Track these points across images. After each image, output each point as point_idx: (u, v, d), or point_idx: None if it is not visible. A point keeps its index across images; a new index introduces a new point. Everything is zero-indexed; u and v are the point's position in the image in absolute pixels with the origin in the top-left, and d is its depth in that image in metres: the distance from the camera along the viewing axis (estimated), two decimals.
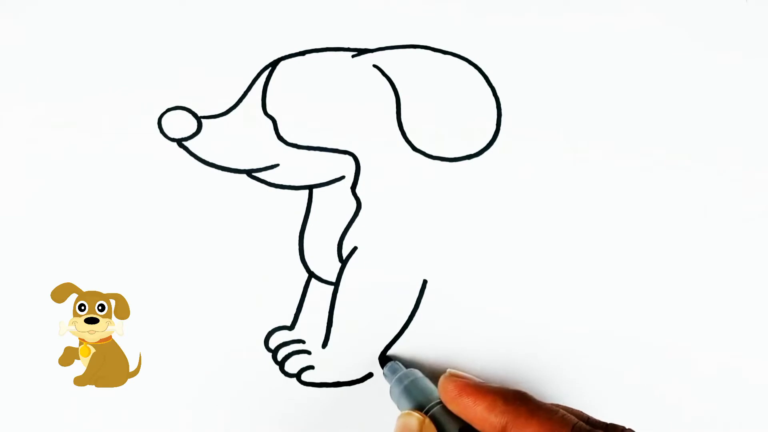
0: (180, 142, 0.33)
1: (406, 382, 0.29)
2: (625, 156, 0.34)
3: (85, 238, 0.32)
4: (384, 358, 0.32)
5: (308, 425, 0.31)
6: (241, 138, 0.33)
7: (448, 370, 0.28)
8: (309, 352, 0.32)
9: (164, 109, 0.34)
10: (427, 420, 0.27)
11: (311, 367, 0.32)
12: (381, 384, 0.32)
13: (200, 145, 0.33)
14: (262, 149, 0.33)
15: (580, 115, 0.34)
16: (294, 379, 0.32)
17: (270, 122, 0.34)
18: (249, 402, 0.31)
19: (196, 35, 0.34)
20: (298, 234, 0.33)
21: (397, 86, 0.34)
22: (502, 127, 0.34)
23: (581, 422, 0.24)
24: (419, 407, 0.28)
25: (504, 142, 0.34)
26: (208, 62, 0.34)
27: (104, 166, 0.33)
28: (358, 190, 0.33)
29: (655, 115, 0.34)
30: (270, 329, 0.32)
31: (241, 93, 0.34)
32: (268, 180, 0.33)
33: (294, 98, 0.34)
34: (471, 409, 0.25)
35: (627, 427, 0.24)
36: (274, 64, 0.34)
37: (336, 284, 0.32)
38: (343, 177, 0.33)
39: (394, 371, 0.30)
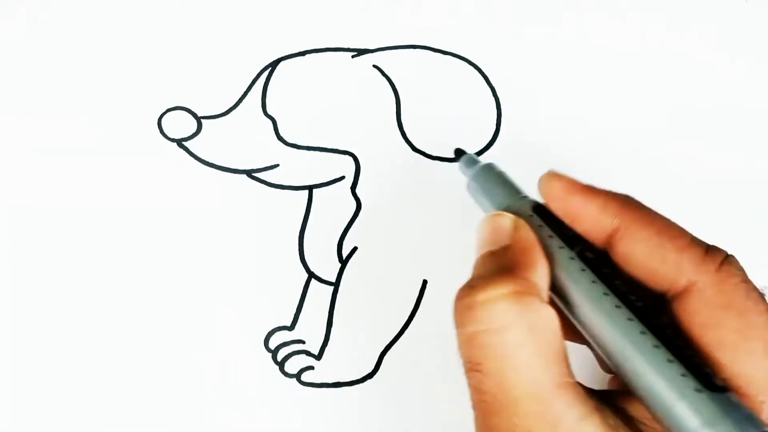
0: (180, 142, 0.33)
1: (488, 175, 0.27)
2: (625, 156, 0.34)
3: (85, 238, 0.32)
4: (459, 152, 0.30)
5: (308, 425, 0.31)
6: (241, 138, 0.33)
7: (548, 170, 0.24)
8: (309, 353, 0.32)
9: (164, 109, 0.34)
10: (522, 221, 0.24)
11: (311, 368, 0.32)
12: (381, 384, 0.31)
13: (200, 146, 0.33)
14: (262, 149, 0.33)
15: (580, 116, 0.34)
16: (294, 380, 0.32)
17: (270, 122, 0.34)
18: (249, 402, 0.31)
19: (196, 35, 0.34)
20: (298, 234, 0.33)
21: (397, 86, 0.34)
22: (502, 127, 0.34)
23: (697, 238, 0.22)
24: (505, 208, 0.25)
25: (504, 142, 0.34)
26: (208, 62, 0.34)
27: (104, 166, 0.33)
28: (358, 190, 0.33)
29: (655, 115, 0.34)
30: (270, 329, 0.32)
31: (241, 93, 0.34)
32: (268, 180, 0.33)
33: (294, 98, 0.34)
34: (580, 210, 0.23)
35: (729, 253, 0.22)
36: (274, 64, 0.34)
37: (336, 284, 0.32)
38: (343, 177, 0.33)
39: (471, 163, 0.28)
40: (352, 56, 0.34)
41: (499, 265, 0.23)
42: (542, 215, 0.24)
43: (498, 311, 0.21)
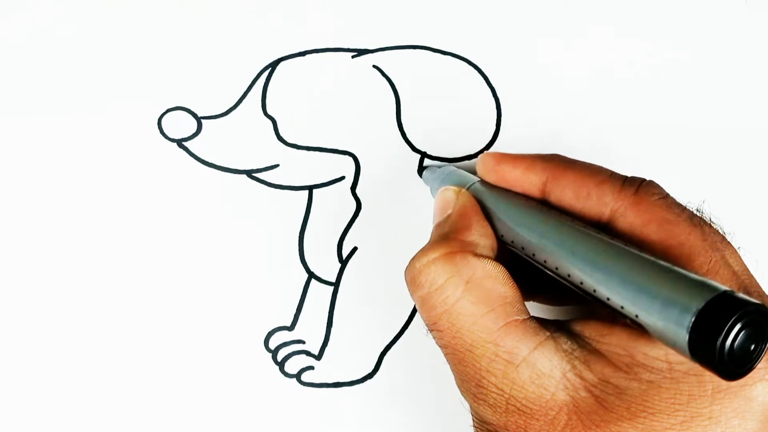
0: (180, 142, 0.33)
1: (442, 175, 0.30)
2: (625, 156, 0.34)
3: (85, 238, 0.32)
4: (420, 169, 0.33)
5: (308, 425, 0.31)
6: (241, 138, 0.33)
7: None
8: (309, 353, 0.32)
9: (164, 110, 0.34)
10: (463, 189, 0.27)
11: (311, 368, 0.32)
12: (381, 384, 0.31)
13: (200, 146, 0.33)
14: (262, 149, 0.33)
15: (580, 116, 0.34)
16: (294, 380, 0.32)
17: (270, 122, 0.34)
18: (249, 402, 0.31)
19: (196, 35, 0.34)
20: (298, 234, 0.33)
21: (397, 86, 0.34)
22: (502, 127, 0.34)
23: (616, 172, 0.25)
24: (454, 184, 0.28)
25: (504, 142, 0.34)
26: (208, 62, 0.34)
27: (104, 167, 0.33)
28: (358, 191, 0.33)
29: (655, 115, 0.34)
30: (270, 329, 0.32)
31: (241, 93, 0.34)
32: (268, 180, 0.33)
33: (294, 98, 0.34)
34: (510, 174, 0.26)
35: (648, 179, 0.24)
36: (274, 65, 0.34)
37: (336, 284, 0.32)
38: (343, 177, 0.33)
39: (432, 172, 0.31)
40: (352, 56, 0.34)
41: (439, 233, 0.26)
42: (488, 188, 0.27)
43: (435, 273, 0.24)
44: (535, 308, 0.28)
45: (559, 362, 0.22)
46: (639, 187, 0.24)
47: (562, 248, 0.23)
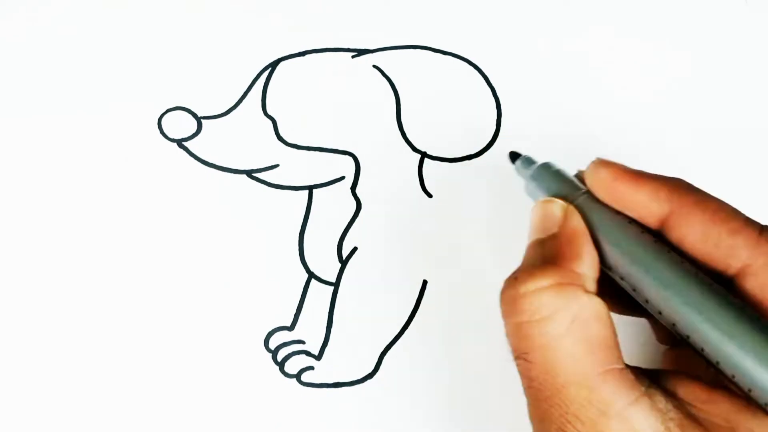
0: (180, 142, 0.33)
1: (543, 172, 0.27)
2: (624, 157, 0.34)
3: (85, 238, 0.32)
4: (514, 154, 0.29)
5: (308, 425, 0.31)
6: (241, 138, 0.33)
7: (596, 157, 0.25)
8: (309, 353, 0.32)
9: (164, 110, 0.34)
10: (572, 207, 0.24)
11: (311, 368, 0.32)
12: (381, 384, 0.31)
13: (200, 146, 0.33)
14: (262, 149, 0.33)
15: (580, 116, 0.34)
16: (294, 380, 0.32)
17: (270, 122, 0.34)
18: (249, 402, 0.31)
19: (196, 35, 0.34)
20: (298, 234, 0.33)
21: (397, 86, 0.34)
22: (502, 127, 0.34)
23: (750, 218, 0.22)
24: (559, 196, 0.25)
25: (504, 142, 0.34)
26: (208, 62, 0.34)
27: (104, 167, 0.33)
28: (358, 191, 0.33)
29: (655, 116, 0.34)
30: (270, 329, 0.32)
31: (241, 93, 0.34)
32: (268, 180, 0.33)
33: (294, 98, 0.34)
34: (629, 197, 0.23)
35: None
36: (274, 65, 0.34)
37: (336, 284, 0.32)
38: (343, 177, 0.33)
39: (528, 163, 0.28)
40: (352, 56, 0.34)
41: (544, 255, 0.23)
42: (597, 203, 0.24)
43: (540, 303, 0.22)
44: None
45: (654, 422, 0.21)
46: None
47: (686, 304, 0.21)
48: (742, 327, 0.20)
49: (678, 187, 0.23)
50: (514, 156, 0.29)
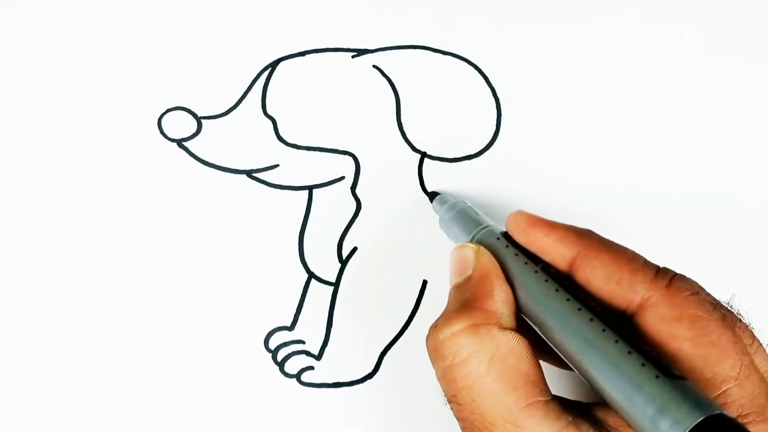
0: (180, 142, 0.33)
1: (453, 212, 0.29)
2: (624, 156, 0.34)
3: (85, 238, 0.32)
4: (432, 194, 0.32)
5: (308, 425, 0.31)
6: (241, 138, 0.33)
7: (517, 209, 0.27)
8: (309, 353, 0.32)
9: (164, 110, 0.34)
10: (482, 248, 0.26)
11: (311, 368, 0.32)
12: (381, 384, 0.31)
13: (200, 146, 0.33)
14: (262, 149, 0.33)
15: (580, 116, 0.34)
16: (294, 380, 0.32)
17: (270, 122, 0.34)
18: (249, 403, 0.31)
19: (196, 35, 0.34)
20: (298, 234, 0.33)
21: (397, 86, 0.34)
22: (502, 127, 0.34)
23: (648, 261, 0.24)
24: (473, 237, 0.28)
25: (504, 142, 0.34)
26: (208, 62, 0.34)
27: (104, 166, 0.33)
28: (358, 191, 0.33)
29: (655, 116, 0.34)
30: (270, 329, 0.32)
31: (241, 93, 0.34)
32: (268, 180, 0.33)
33: (294, 98, 0.34)
34: (541, 240, 0.25)
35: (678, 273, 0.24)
36: (274, 65, 0.34)
37: (336, 284, 0.32)
38: (343, 177, 0.33)
39: (442, 202, 0.31)
40: (352, 56, 0.34)
41: (461, 299, 0.25)
42: (509, 240, 0.26)
43: (459, 345, 0.23)
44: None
45: None
46: (672, 280, 0.23)
47: (573, 337, 0.23)
48: (625, 368, 0.21)
49: (585, 234, 0.25)
50: (432, 195, 0.32)
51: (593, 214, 0.33)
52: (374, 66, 0.34)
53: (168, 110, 0.34)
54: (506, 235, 0.26)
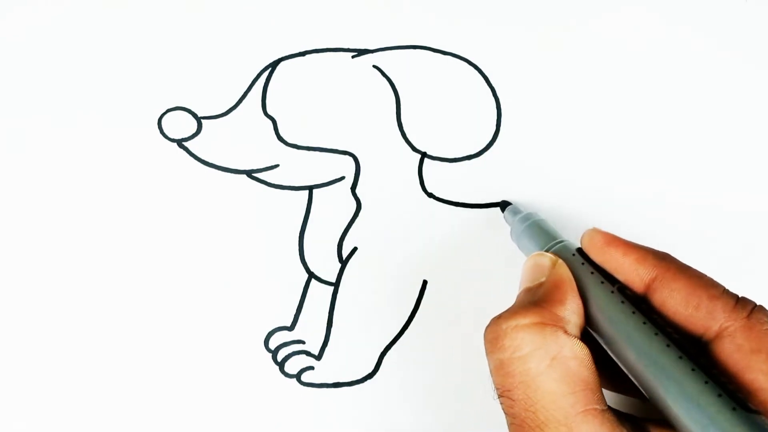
0: (180, 142, 0.33)
1: (527, 224, 0.29)
2: (625, 156, 0.34)
3: (85, 238, 0.32)
4: (503, 203, 0.32)
5: (308, 425, 0.31)
6: (241, 138, 0.33)
7: (591, 227, 0.27)
8: (309, 353, 0.32)
9: (164, 110, 0.34)
10: (561, 260, 0.26)
11: (311, 368, 0.32)
12: (381, 384, 0.31)
13: (200, 146, 0.33)
14: (262, 149, 0.33)
15: (580, 116, 0.34)
16: (294, 380, 0.32)
17: (270, 122, 0.34)
18: (249, 403, 0.31)
19: (196, 35, 0.34)
20: (298, 234, 0.33)
21: (397, 86, 0.34)
22: (502, 127, 0.34)
23: (727, 289, 0.24)
24: (548, 250, 0.27)
25: (504, 142, 0.34)
26: (208, 62, 0.34)
27: (104, 167, 0.33)
28: (358, 191, 0.33)
29: (655, 115, 0.34)
30: (270, 329, 0.32)
31: (241, 93, 0.34)
32: (268, 180, 0.33)
33: (294, 98, 0.34)
34: (618, 260, 0.25)
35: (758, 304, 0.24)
36: (274, 65, 0.34)
37: (336, 284, 0.32)
38: (343, 177, 0.33)
39: (514, 213, 0.31)
40: (352, 56, 0.34)
41: (530, 300, 0.25)
42: (584, 257, 0.26)
43: (521, 340, 0.23)
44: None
45: None
46: (752, 311, 0.23)
47: (648, 360, 0.22)
48: (700, 398, 0.21)
49: (664, 257, 0.25)
50: (504, 205, 0.32)
51: (593, 215, 0.33)
52: (374, 66, 0.34)
53: (168, 110, 0.34)
54: (581, 252, 0.26)
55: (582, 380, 0.23)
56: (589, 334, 0.25)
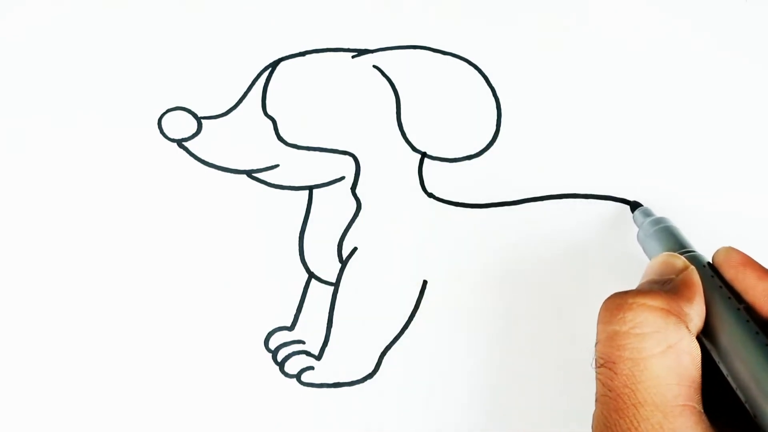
0: (180, 142, 0.33)
1: (658, 227, 0.29)
2: (625, 156, 0.34)
3: (85, 238, 0.32)
4: (634, 204, 0.32)
5: (308, 425, 0.31)
6: (241, 138, 0.33)
7: (727, 245, 0.27)
8: (309, 353, 0.32)
9: (164, 110, 0.34)
10: (692, 267, 0.26)
11: (311, 368, 0.32)
12: (381, 384, 0.31)
13: (200, 146, 0.33)
14: (262, 149, 0.33)
15: (580, 115, 0.34)
16: (294, 380, 0.32)
17: (270, 122, 0.34)
18: (249, 403, 0.31)
19: (197, 35, 0.34)
20: (298, 234, 0.33)
21: (397, 86, 0.34)
22: (502, 127, 0.34)
23: None
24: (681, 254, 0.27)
25: (504, 142, 0.34)
26: (208, 62, 0.34)
27: (104, 167, 0.33)
28: (358, 191, 0.33)
29: (655, 115, 0.34)
30: (270, 330, 0.32)
31: (241, 93, 0.34)
32: (268, 180, 0.33)
33: (294, 98, 0.34)
34: (751, 283, 0.25)
35: None
36: (274, 65, 0.34)
37: (336, 284, 0.32)
38: (343, 177, 0.33)
39: (646, 215, 0.31)
40: (352, 56, 0.34)
41: (659, 287, 0.25)
42: (714, 271, 0.26)
43: (644, 318, 0.23)
44: None
45: None
46: None
47: (766, 381, 0.22)
48: None
49: None
50: (634, 205, 0.32)
51: (593, 215, 0.33)
52: (374, 66, 0.34)
53: (168, 110, 0.34)
54: (711, 266, 0.26)
55: (689, 377, 0.22)
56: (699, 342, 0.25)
